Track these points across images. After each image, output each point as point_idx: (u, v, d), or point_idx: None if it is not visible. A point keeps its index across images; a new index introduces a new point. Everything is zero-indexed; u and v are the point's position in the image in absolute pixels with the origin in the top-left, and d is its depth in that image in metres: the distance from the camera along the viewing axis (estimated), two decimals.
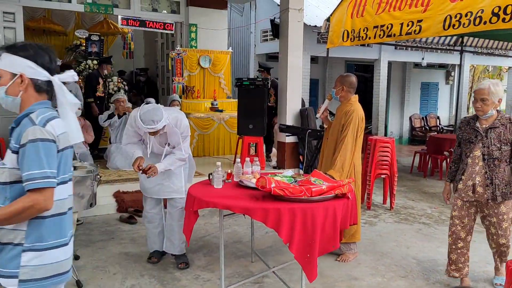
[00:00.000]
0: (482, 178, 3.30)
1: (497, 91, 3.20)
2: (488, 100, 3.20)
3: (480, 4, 4.30)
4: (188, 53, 8.30)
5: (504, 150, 3.23)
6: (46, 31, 9.72)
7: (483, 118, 3.30)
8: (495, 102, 3.22)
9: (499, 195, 3.27)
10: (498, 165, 3.26)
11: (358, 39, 5.94)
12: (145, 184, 3.86)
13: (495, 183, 3.26)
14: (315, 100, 12.02)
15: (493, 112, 3.25)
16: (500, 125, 3.24)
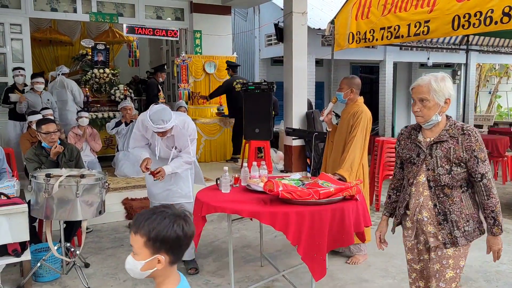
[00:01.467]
0: (430, 214, 2.35)
1: (442, 88, 2.25)
2: (429, 100, 2.26)
3: (488, 4, 4.27)
4: (193, 59, 8.34)
5: (456, 173, 2.25)
6: (52, 42, 9.82)
7: (426, 128, 2.34)
8: (440, 104, 2.26)
9: (461, 236, 2.31)
10: (450, 194, 2.29)
11: (364, 41, 5.92)
12: (153, 190, 3.86)
13: (451, 219, 2.30)
14: (321, 103, 12.01)
15: (438, 118, 2.28)
16: (449, 137, 2.26)
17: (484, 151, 2.25)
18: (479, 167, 2.24)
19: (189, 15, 8.55)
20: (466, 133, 2.25)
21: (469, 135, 2.24)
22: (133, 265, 1.45)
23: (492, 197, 2.28)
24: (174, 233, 1.42)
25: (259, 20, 11.93)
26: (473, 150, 2.23)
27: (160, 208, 1.48)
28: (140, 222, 1.44)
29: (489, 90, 17.51)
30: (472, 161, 2.24)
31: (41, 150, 4.08)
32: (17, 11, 7.13)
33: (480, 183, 2.27)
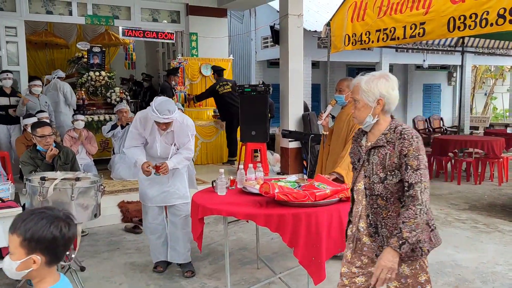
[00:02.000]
0: (365, 224, 2.14)
1: (371, 88, 2.06)
2: (359, 101, 2.11)
3: (484, 6, 4.30)
4: (189, 61, 8.34)
5: (390, 183, 2.02)
6: (48, 44, 9.80)
7: (366, 130, 2.19)
8: (370, 105, 2.07)
9: None
10: (384, 207, 2.06)
11: (360, 43, 5.94)
12: (149, 193, 3.84)
13: (382, 233, 2.07)
14: (318, 105, 12.03)
15: (371, 120, 2.10)
16: (386, 142, 2.05)
17: (419, 158, 1.97)
18: (407, 174, 1.97)
19: (185, 17, 8.55)
20: (402, 137, 2.01)
21: (404, 139, 2.00)
22: (8, 264, 1.45)
23: (411, 209, 1.95)
24: (50, 234, 1.42)
25: (255, 23, 11.95)
26: (405, 155, 1.98)
27: (41, 209, 1.50)
28: (17, 222, 1.44)
29: (485, 91, 17.59)
30: (402, 167, 1.99)
31: (36, 153, 4.06)
32: (12, 14, 7.11)
33: (406, 193, 1.98)
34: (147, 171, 3.61)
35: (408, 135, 2.01)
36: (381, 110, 2.08)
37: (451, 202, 6.46)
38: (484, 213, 5.84)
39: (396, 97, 2.10)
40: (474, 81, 16.31)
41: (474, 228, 5.22)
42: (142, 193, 3.91)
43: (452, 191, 7.15)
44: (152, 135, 3.70)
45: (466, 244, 4.64)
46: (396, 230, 1.98)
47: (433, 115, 13.76)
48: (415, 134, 2.02)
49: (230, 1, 8.27)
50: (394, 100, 2.09)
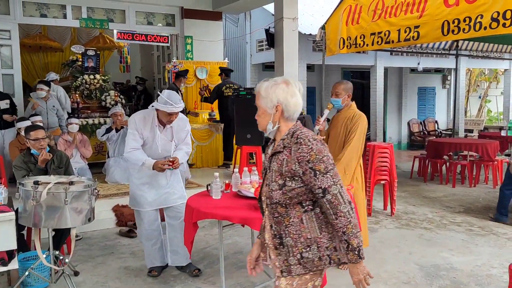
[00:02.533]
0: (270, 235, 2.02)
1: (269, 94, 2.00)
2: (259, 107, 2.08)
3: (477, 9, 4.32)
4: (184, 65, 8.33)
5: (288, 188, 1.92)
6: (42, 48, 9.76)
7: (270, 137, 2.13)
8: (268, 111, 2.02)
9: (296, 264, 1.93)
10: (285, 214, 1.95)
11: (355, 46, 5.96)
12: (148, 197, 3.79)
13: (286, 243, 1.95)
14: (313, 108, 12.04)
15: (271, 127, 2.03)
16: (283, 148, 1.97)
17: (323, 161, 1.88)
18: (318, 180, 1.87)
19: (180, 21, 8.54)
20: (298, 141, 1.92)
21: (300, 144, 1.90)
22: None
23: (340, 215, 1.85)
24: None
25: (250, 26, 11.95)
26: (308, 161, 1.87)
27: None
28: None
29: (479, 94, 17.68)
30: (308, 174, 1.88)
31: (30, 157, 4.03)
32: (6, 17, 7.07)
33: (323, 199, 1.87)
34: (163, 166, 3.58)
35: (304, 139, 1.91)
36: (281, 117, 2.00)
37: (446, 205, 6.48)
38: (479, 216, 5.86)
39: (296, 104, 2.00)
40: (468, 84, 16.39)
41: (469, 231, 5.23)
42: (137, 198, 3.85)
43: (447, 194, 7.17)
44: (152, 133, 3.68)
45: (461, 247, 4.65)
46: (341, 243, 1.88)
47: (428, 118, 13.81)
48: (311, 137, 1.93)
49: (225, 5, 8.28)
50: (293, 107, 1.99)
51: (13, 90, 7.20)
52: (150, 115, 3.69)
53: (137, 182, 3.81)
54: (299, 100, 2.02)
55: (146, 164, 3.61)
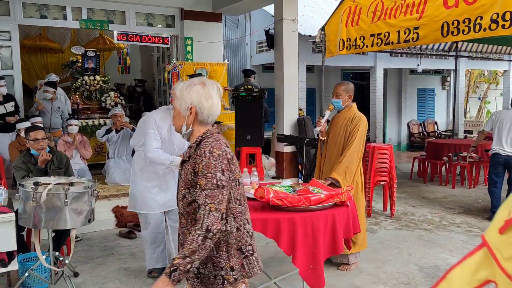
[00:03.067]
0: (178, 244, 2.06)
1: (183, 95, 1.92)
2: (174, 108, 2.00)
3: (477, 11, 4.33)
4: (184, 66, 8.32)
5: (187, 200, 1.88)
6: (42, 49, 9.75)
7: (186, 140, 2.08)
8: (183, 113, 1.94)
9: (194, 279, 1.92)
10: (186, 227, 1.91)
11: (355, 48, 5.96)
12: (159, 199, 3.77)
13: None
14: (313, 109, 12.04)
15: (184, 130, 1.96)
16: (188, 157, 1.91)
17: (207, 177, 1.77)
18: (197, 195, 1.80)
19: (180, 22, 8.54)
20: (196, 152, 1.85)
21: (199, 155, 1.82)
22: None
23: (192, 232, 1.74)
24: None
25: (250, 27, 11.96)
26: (196, 172, 1.81)
27: None
28: None
29: (479, 96, 17.70)
30: (195, 186, 1.82)
31: (30, 158, 4.03)
32: (6, 18, 7.07)
33: (197, 214, 1.79)
34: None
35: (202, 150, 1.82)
36: (195, 120, 1.92)
37: (446, 206, 6.48)
38: (479, 217, 5.86)
39: (212, 107, 1.91)
40: (468, 85, 16.41)
41: (469, 232, 5.23)
42: (146, 201, 3.80)
43: (446, 195, 7.17)
44: (168, 132, 3.67)
45: (461, 248, 4.65)
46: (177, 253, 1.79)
47: (428, 119, 13.82)
48: (209, 149, 1.81)
49: (225, 6, 8.28)
50: (208, 110, 1.91)
51: (13, 91, 7.19)
52: (167, 114, 3.69)
53: (147, 185, 3.78)
54: (215, 103, 1.93)
55: (175, 162, 3.57)
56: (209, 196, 1.76)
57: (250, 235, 1.95)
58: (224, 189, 1.79)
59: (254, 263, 1.94)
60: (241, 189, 1.94)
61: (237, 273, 1.88)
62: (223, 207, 1.78)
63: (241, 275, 1.89)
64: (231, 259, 1.87)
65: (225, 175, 1.80)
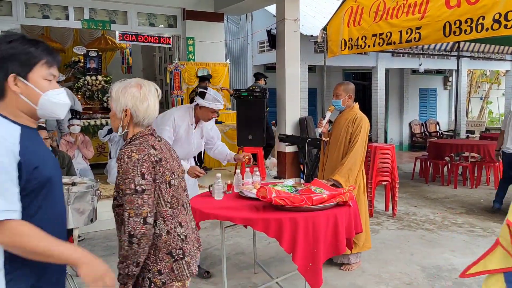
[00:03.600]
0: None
1: (119, 97, 1.91)
2: (111, 109, 1.98)
3: (479, 11, 4.32)
4: (186, 66, 8.34)
5: (113, 204, 1.95)
6: None
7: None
8: (118, 115, 1.93)
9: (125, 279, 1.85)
10: (118, 230, 1.96)
11: (356, 48, 5.96)
12: None
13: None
14: (314, 109, 12.04)
15: (122, 132, 1.95)
16: (119, 160, 1.89)
17: (126, 182, 1.78)
18: (123, 199, 1.81)
19: (181, 22, 8.55)
20: (119, 156, 1.85)
21: (119, 159, 1.83)
22: None
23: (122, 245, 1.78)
24: None
25: (252, 27, 11.97)
26: (118, 178, 1.85)
27: None
28: None
29: (480, 96, 17.67)
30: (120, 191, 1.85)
31: None
32: (9, 18, 7.09)
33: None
34: (199, 174, 3.58)
35: (121, 155, 1.82)
36: (130, 121, 1.92)
37: (448, 206, 6.48)
38: (481, 217, 5.85)
39: (147, 110, 1.91)
40: (469, 85, 16.38)
41: (471, 232, 5.23)
42: None
43: (448, 195, 7.17)
44: (186, 131, 3.67)
45: (463, 248, 4.65)
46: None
47: (429, 119, 13.80)
48: (128, 154, 1.81)
49: (227, 6, 8.29)
50: (144, 113, 1.91)
51: None
52: (187, 113, 3.69)
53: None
54: (151, 106, 1.92)
55: (186, 168, 3.57)
56: (128, 202, 1.77)
57: (182, 239, 1.92)
58: (145, 193, 1.78)
59: (184, 267, 1.91)
60: (174, 192, 1.92)
61: (165, 276, 1.87)
62: (145, 210, 1.77)
63: (170, 278, 1.87)
64: (159, 262, 1.86)
65: (147, 178, 1.79)
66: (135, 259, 1.77)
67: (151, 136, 1.93)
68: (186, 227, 1.97)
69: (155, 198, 1.84)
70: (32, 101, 1.49)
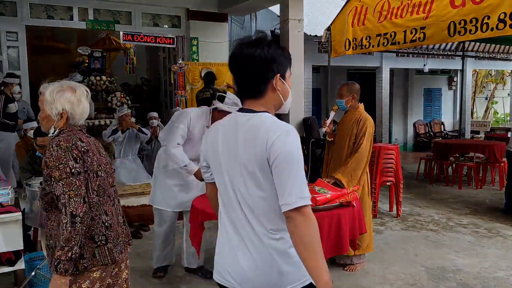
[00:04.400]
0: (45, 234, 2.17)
1: (55, 101, 1.98)
2: (43, 110, 2.04)
3: (484, 10, 4.30)
4: (190, 66, 8.34)
5: (44, 192, 1.99)
6: (49, 49, 9.82)
7: None
8: (53, 117, 2.01)
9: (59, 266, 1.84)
10: (47, 217, 2.04)
11: (361, 48, 5.95)
12: (183, 198, 3.77)
13: (51, 246, 2.03)
14: (319, 109, 12.02)
15: (54, 132, 2.03)
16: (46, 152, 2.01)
17: (60, 168, 1.86)
18: (53, 187, 1.88)
19: (185, 22, 8.56)
20: (48, 145, 1.95)
21: (48, 149, 1.93)
22: None
23: (61, 223, 1.84)
24: None
25: (256, 27, 11.97)
26: (48, 166, 1.90)
27: None
28: None
29: (486, 96, 17.58)
30: (49, 180, 1.90)
31: (35, 159, 4.05)
32: (13, 19, 7.12)
33: (59, 205, 1.88)
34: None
35: (50, 144, 1.93)
36: (65, 123, 2.03)
37: (452, 206, 6.44)
38: (486, 217, 5.82)
39: (83, 112, 2.03)
40: (474, 85, 16.30)
41: (476, 233, 5.20)
42: (167, 199, 3.80)
43: (453, 196, 7.13)
44: (201, 132, 3.63)
45: (467, 249, 4.63)
46: (57, 249, 1.86)
47: (434, 120, 13.75)
48: (56, 142, 1.91)
49: (231, 6, 8.29)
50: (80, 115, 2.04)
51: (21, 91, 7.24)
52: (204, 114, 3.67)
53: (169, 182, 3.78)
54: (86, 107, 2.04)
55: (188, 168, 3.54)
56: (66, 185, 1.85)
57: (107, 226, 2.00)
58: (80, 175, 1.89)
59: (106, 252, 1.98)
60: (101, 182, 2.01)
61: (87, 261, 1.92)
62: (83, 191, 1.88)
63: (92, 263, 1.93)
64: (82, 247, 1.90)
65: (79, 163, 1.90)
66: (79, 239, 1.83)
67: (79, 131, 2.03)
68: (111, 217, 2.05)
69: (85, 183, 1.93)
70: (283, 98, 1.68)
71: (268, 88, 1.63)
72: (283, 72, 1.65)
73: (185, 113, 3.66)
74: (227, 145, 1.63)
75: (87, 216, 1.87)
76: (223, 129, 1.67)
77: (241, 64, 1.62)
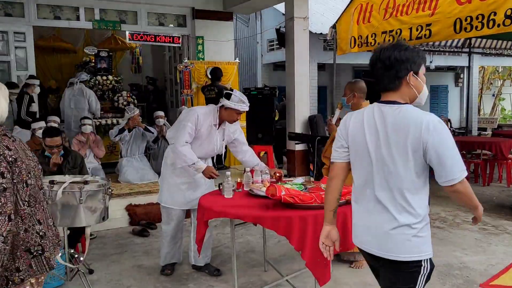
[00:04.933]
0: None
1: None
2: None
3: (490, 7, 4.28)
4: (195, 65, 8.37)
5: None
6: (55, 49, 9.88)
7: None
8: None
9: None
10: None
11: (366, 45, 5.94)
12: (190, 196, 3.78)
13: None
14: (324, 107, 12.02)
15: None
16: None
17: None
18: None
19: (191, 21, 8.59)
20: None
21: None
22: None
23: None
24: None
25: (261, 26, 11.99)
26: None
27: None
28: None
29: (493, 92, 17.48)
30: None
31: (44, 159, 4.09)
32: (21, 20, 7.18)
33: None
34: (213, 175, 3.60)
35: None
36: None
37: (459, 203, 6.42)
38: (493, 214, 5.80)
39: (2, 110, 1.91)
40: (481, 82, 16.21)
41: (483, 230, 5.18)
42: (176, 197, 3.82)
43: None
44: (207, 131, 3.66)
45: (474, 246, 4.62)
46: None
47: (441, 117, 13.62)
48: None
49: (236, 5, 8.30)
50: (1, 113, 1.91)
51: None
52: (212, 112, 3.68)
53: (177, 181, 3.79)
54: (4, 106, 1.92)
55: (196, 165, 3.54)
56: None
57: (41, 236, 1.93)
58: (7, 191, 1.75)
59: (43, 261, 1.93)
60: (32, 191, 1.91)
61: (24, 273, 1.87)
62: (9, 208, 1.75)
63: (29, 274, 1.88)
64: (17, 260, 1.85)
65: (6, 177, 1.76)
66: (1, 258, 1.73)
67: (4, 136, 1.87)
68: (44, 224, 1.97)
69: (13, 198, 1.81)
70: (417, 91, 1.96)
71: (402, 83, 1.93)
72: (416, 69, 1.93)
73: (192, 112, 3.67)
74: (375, 130, 1.94)
75: (11, 234, 1.76)
76: (367, 116, 1.98)
77: (380, 64, 1.94)
